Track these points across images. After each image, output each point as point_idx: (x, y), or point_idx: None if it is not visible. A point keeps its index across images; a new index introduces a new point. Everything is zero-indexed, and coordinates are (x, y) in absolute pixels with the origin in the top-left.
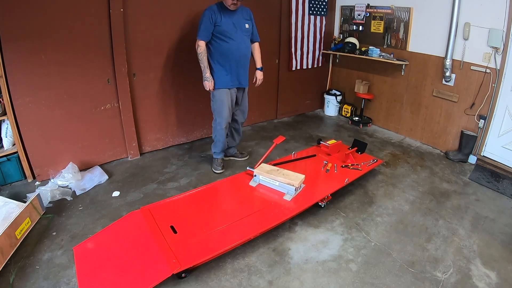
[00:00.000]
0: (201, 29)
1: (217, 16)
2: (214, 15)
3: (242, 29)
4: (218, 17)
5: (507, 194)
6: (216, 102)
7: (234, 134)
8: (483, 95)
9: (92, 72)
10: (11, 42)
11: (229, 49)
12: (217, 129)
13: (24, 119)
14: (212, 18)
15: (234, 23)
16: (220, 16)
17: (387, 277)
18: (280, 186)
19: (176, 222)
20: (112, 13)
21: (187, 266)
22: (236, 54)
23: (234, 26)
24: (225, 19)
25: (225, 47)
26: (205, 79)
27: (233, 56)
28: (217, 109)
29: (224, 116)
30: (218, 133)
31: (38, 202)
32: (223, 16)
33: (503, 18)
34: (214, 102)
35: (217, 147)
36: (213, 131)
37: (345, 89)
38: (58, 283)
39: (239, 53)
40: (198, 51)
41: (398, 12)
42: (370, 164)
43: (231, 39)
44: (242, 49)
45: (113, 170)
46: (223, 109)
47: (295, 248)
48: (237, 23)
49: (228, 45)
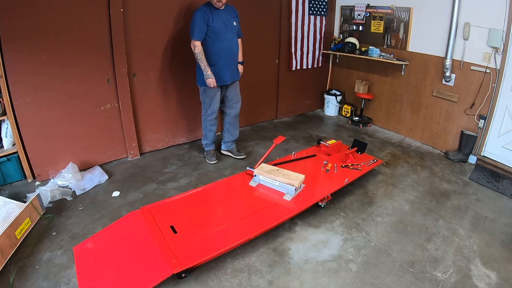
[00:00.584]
0: (195, 29)
1: (208, 16)
2: (206, 16)
3: (231, 27)
4: (210, 17)
5: (507, 194)
6: (208, 97)
7: (230, 129)
8: (483, 95)
9: (92, 72)
10: (11, 42)
11: (221, 48)
12: (206, 121)
13: (24, 119)
14: (204, 18)
15: (224, 22)
16: (211, 16)
17: (387, 277)
18: (280, 186)
19: (176, 222)
20: (112, 13)
21: (187, 266)
22: (228, 52)
23: (224, 25)
24: (216, 19)
25: (217, 46)
26: (208, 77)
27: (225, 54)
28: (208, 103)
29: (214, 109)
30: (207, 124)
31: (38, 202)
32: (214, 16)
33: (503, 18)
34: (205, 97)
35: (207, 138)
36: (203, 124)
37: (345, 89)
38: (58, 283)
39: (230, 50)
40: (196, 51)
41: (398, 12)
42: (370, 164)
43: (223, 37)
44: (233, 47)
45: (113, 170)
46: (213, 103)
47: (295, 248)
48: (227, 22)
49: (220, 44)
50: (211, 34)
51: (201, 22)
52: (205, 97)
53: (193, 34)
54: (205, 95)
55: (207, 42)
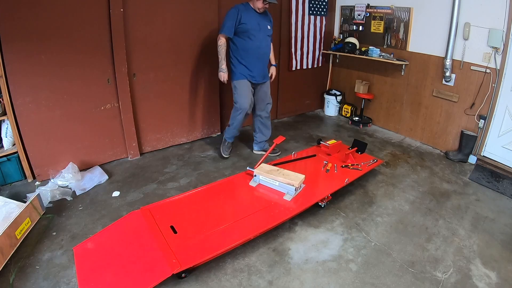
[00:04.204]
0: (226, 25)
1: (244, 15)
2: (240, 14)
3: (265, 29)
4: (245, 16)
5: (507, 194)
6: (238, 92)
7: (262, 129)
8: (483, 95)
9: (92, 72)
10: (11, 42)
11: (251, 47)
12: (236, 116)
13: (24, 119)
14: (237, 16)
15: (258, 23)
16: (246, 16)
17: (387, 277)
18: (280, 186)
19: (176, 222)
20: (112, 13)
21: (187, 266)
22: (257, 51)
23: (258, 25)
24: (251, 19)
25: (248, 44)
26: (221, 70)
27: (255, 53)
28: (238, 99)
29: (245, 105)
30: (236, 120)
31: (38, 202)
32: (249, 16)
33: (503, 18)
34: (236, 93)
35: (231, 132)
36: (231, 118)
37: (345, 89)
38: (58, 283)
39: (261, 51)
40: (219, 43)
41: (398, 12)
42: (370, 164)
43: (255, 37)
44: (263, 48)
45: (113, 170)
46: (245, 99)
47: (295, 248)
48: (262, 23)
49: (251, 43)
50: (244, 32)
51: (234, 20)
52: (235, 93)
53: (222, 29)
54: (235, 91)
55: (239, 40)
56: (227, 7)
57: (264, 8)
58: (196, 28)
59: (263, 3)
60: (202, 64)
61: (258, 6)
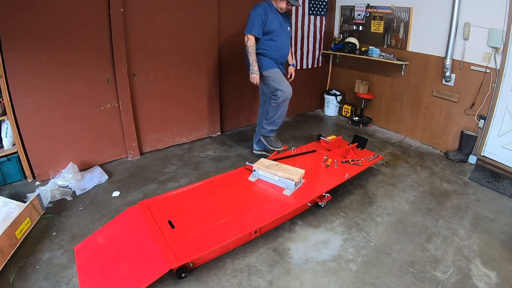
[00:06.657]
0: (254, 24)
1: (268, 14)
2: (265, 13)
3: (285, 30)
4: (270, 15)
5: (507, 194)
6: (276, 80)
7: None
8: (483, 95)
9: (92, 72)
10: (12, 42)
11: (274, 48)
12: (281, 104)
13: (24, 119)
14: (263, 16)
15: (281, 24)
16: (270, 15)
17: (387, 277)
18: (279, 181)
19: (173, 217)
20: (112, 13)
21: (185, 261)
22: (279, 53)
23: (281, 27)
24: (274, 18)
25: (271, 44)
26: (253, 72)
27: (276, 54)
28: (280, 86)
29: (289, 89)
30: (282, 109)
31: (38, 202)
32: (273, 15)
33: (503, 18)
34: (273, 81)
35: (277, 124)
36: (275, 109)
37: (345, 89)
38: (58, 283)
39: (282, 52)
40: (248, 44)
41: (398, 12)
42: (371, 159)
43: (278, 38)
44: (284, 50)
45: (113, 170)
46: (286, 83)
47: (295, 248)
48: (283, 25)
49: (273, 44)
50: (267, 33)
51: (261, 19)
52: (272, 82)
53: (251, 28)
54: (270, 80)
55: (262, 40)
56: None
57: (287, 9)
58: (196, 28)
59: (287, 4)
60: (202, 64)
61: (281, 7)
